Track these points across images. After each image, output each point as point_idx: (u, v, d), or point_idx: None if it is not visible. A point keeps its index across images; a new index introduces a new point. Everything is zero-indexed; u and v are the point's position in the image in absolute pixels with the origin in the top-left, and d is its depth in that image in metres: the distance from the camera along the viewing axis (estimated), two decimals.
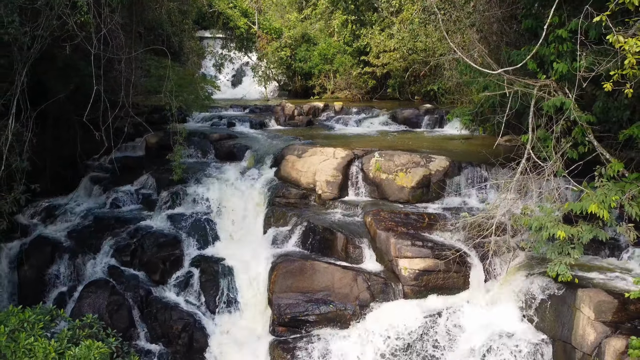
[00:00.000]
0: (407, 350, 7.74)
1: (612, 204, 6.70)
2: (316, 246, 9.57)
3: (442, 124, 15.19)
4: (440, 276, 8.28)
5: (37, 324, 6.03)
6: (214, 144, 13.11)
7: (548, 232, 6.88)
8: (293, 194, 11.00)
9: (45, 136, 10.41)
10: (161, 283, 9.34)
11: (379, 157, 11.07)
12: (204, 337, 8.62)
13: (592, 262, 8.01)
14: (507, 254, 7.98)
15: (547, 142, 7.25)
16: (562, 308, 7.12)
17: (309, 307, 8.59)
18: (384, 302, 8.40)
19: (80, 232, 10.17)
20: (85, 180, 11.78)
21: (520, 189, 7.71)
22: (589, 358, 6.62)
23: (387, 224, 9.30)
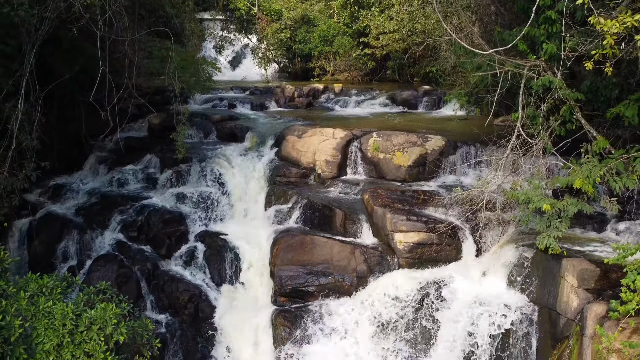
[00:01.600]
0: (402, 317, 8.26)
1: (597, 179, 7.14)
2: (316, 222, 10.05)
3: (440, 105, 15.57)
4: (433, 249, 8.77)
5: (55, 289, 6.52)
6: (215, 125, 13.52)
7: (535, 205, 7.32)
8: (293, 173, 11.45)
9: (51, 116, 10.79)
10: (167, 257, 9.84)
11: (377, 137, 11.49)
12: (209, 307, 9.16)
13: (579, 235, 8.48)
14: (497, 227, 8.46)
15: (536, 119, 7.66)
16: (547, 277, 7.61)
17: (309, 278, 9.11)
18: (380, 273, 8.92)
19: (87, 209, 10.64)
20: (91, 159, 12.21)
21: (510, 165, 8.14)
22: (572, 323, 7.12)
23: (384, 201, 9.76)
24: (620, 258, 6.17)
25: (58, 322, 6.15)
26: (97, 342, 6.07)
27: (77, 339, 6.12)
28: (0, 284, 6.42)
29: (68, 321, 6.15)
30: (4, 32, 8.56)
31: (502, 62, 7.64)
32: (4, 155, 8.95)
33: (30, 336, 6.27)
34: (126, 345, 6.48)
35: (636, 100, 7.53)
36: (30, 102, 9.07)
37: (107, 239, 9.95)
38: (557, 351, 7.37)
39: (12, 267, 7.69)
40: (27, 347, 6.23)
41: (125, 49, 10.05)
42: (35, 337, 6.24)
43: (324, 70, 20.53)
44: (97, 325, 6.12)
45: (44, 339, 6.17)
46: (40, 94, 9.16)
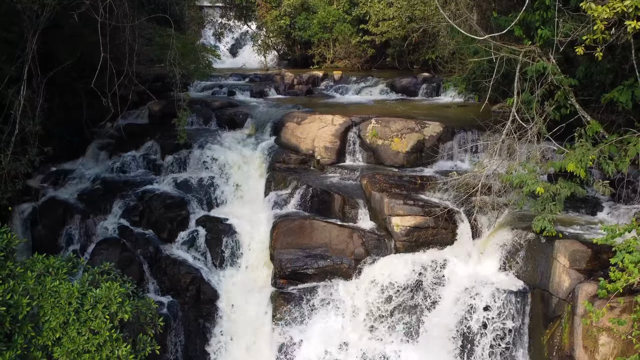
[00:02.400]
0: (398, 298, 8.50)
1: (589, 162, 7.32)
2: (315, 207, 10.26)
3: (439, 92, 15.70)
4: (429, 232, 8.98)
5: (61, 269, 6.74)
6: (215, 111, 13.67)
7: (529, 188, 7.52)
8: (293, 159, 11.63)
9: (53, 103, 10.94)
10: (169, 241, 10.06)
11: (376, 123, 11.65)
12: (211, 289, 9.41)
13: (572, 218, 8.68)
14: (492, 211, 8.66)
15: (531, 105, 7.82)
16: (540, 259, 7.83)
17: (308, 261, 9.34)
18: (378, 256, 9.15)
19: (90, 194, 10.84)
20: (92, 146, 12.39)
21: (506, 150, 8.32)
22: (564, 303, 7.36)
23: (382, 186, 9.96)
24: (609, 238, 6.37)
25: (64, 300, 6.38)
26: (102, 320, 6.30)
27: (82, 316, 6.34)
28: (8, 264, 6.65)
29: (74, 300, 6.37)
30: (6, 18, 8.70)
31: (498, 47, 7.78)
32: (7, 141, 9.13)
33: (37, 314, 6.51)
34: (130, 324, 6.71)
35: (630, 86, 7.68)
36: (33, 88, 9.23)
37: (110, 224, 10.17)
38: (549, 330, 7.62)
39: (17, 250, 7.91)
40: (35, 325, 6.48)
41: (126, 35, 10.17)
42: (42, 316, 6.47)
43: (324, 57, 20.60)
44: (102, 303, 6.34)
45: (51, 317, 6.40)
46: (42, 80, 9.31)
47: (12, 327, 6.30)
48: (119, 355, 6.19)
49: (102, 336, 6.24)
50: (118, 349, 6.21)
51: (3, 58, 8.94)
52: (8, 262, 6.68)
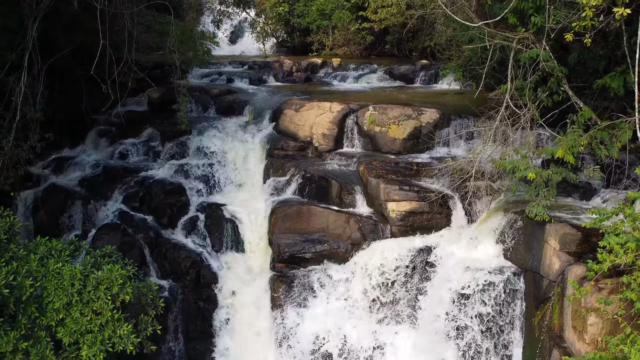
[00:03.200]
0: (394, 281, 8.73)
1: (580, 148, 7.48)
2: (312, 193, 10.45)
3: (437, 79, 15.79)
4: (424, 217, 9.18)
5: (64, 251, 6.96)
6: (214, 99, 13.79)
7: (521, 174, 7.68)
8: (291, 146, 11.79)
9: (53, 90, 11.07)
10: (169, 226, 10.27)
11: (373, 110, 11.77)
12: (211, 273, 9.64)
13: (565, 203, 8.85)
14: (486, 196, 8.84)
15: (524, 91, 7.96)
16: (533, 242, 8.03)
17: (306, 245, 9.56)
18: (374, 240, 9.36)
19: (90, 181, 11.03)
20: (92, 133, 12.54)
21: (500, 136, 8.48)
22: (554, 285, 7.57)
23: (378, 172, 10.14)
24: (597, 222, 6.55)
25: (67, 282, 6.60)
26: (104, 300, 6.53)
27: (85, 298, 6.58)
28: (11, 247, 6.86)
29: (76, 281, 6.60)
30: (6, 6, 8.80)
31: (492, 35, 7.90)
32: (8, 127, 9.29)
33: (40, 296, 6.74)
34: (132, 305, 6.94)
35: (622, 72, 7.80)
36: (33, 75, 9.36)
37: (111, 209, 10.37)
38: (540, 312, 7.84)
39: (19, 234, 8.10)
40: (38, 305, 6.71)
41: (125, 22, 10.27)
42: (46, 297, 6.71)
43: (323, 44, 20.63)
44: (104, 285, 6.57)
45: (54, 298, 6.64)
46: (42, 67, 9.44)
47: (16, 308, 6.53)
48: (121, 334, 6.43)
49: (104, 316, 6.47)
50: (120, 328, 6.45)
51: (3, 45, 9.06)
52: (11, 244, 6.90)
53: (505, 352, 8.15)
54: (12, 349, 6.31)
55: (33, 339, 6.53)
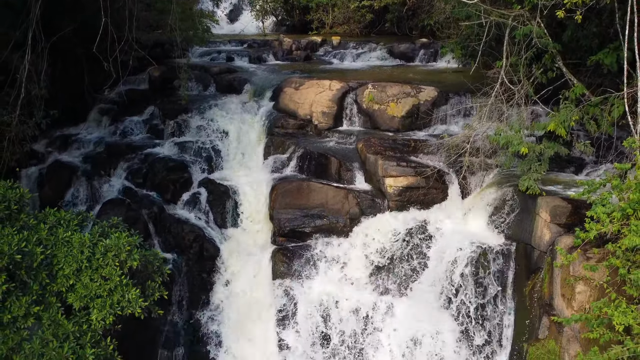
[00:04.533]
0: (390, 254, 9.12)
1: (572, 122, 7.79)
2: (312, 170, 10.78)
3: (437, 57, 15.99)
4: (421, 192, 9.53)
5: (72, 221, 7.32)
6: (214, 77, 14.04)
7: (514, 148, 8.01)
8: (291, 124, 12.07)
9: (56, 69, 11.34)
10: (172, 202, 10.63)
11: (372, 88, 12.04)
12: (214, 247, 10.02)
13: (558, 178, 9.19)
14: (481, 171, 9.18)
15: (519, 67, 8.23)
16: (525, 215, 8.39)
17: (306, 220, 9.93)
18: (371, 215, 9.72)
19: (94, 158, 11.36)
20: (95, 111, 12.84)
21: (495, 112, 8.77)
22: (544, 255, 7.95)
23: (377, 149, 10.46)
24: (585, 192, 6.89)
25: (76, 249, 6.97)
26: (112, 267, 6.90)
27: (94, 264, 6.95)
28: (22, 216, 7.24)
29: (86, 249, 6.97)
30: None
31: (488, 12, 8.14)
32: (13, 104, 9.59)
33: (51, 263, 7.11)
34: (139, 272, 7.33)
35: (615, 49, 8.06)
36: (37, 53, 9.62)
37: (115, 185, 10.72)
38: (531, 282, 8.24)
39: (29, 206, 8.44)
40: (49, 272, 7.09)
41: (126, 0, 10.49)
42: (56, 264, 7.08)
43: (322, 23, 20.73)
44: (112, 252, 6.94)
45: (64, 265, 7.00)
46: (46, 46, 9.70)
47: (27, 274, 6.91)
48: (129, 299, 6.82)
49: (113, 282, 6.85)
50: (128, 293, 6.83)
51: (8, 24, 9.31)
52: (21, 214, 7.26)
53: (498, 321, 8.56)
54: (24, 314, 6.70)
55: (44, 304, 6.92)
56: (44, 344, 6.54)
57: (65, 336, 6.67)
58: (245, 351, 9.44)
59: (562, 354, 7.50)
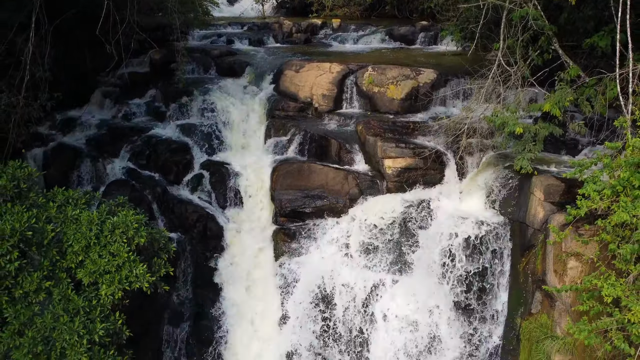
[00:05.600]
0: (389, 231, 9.44)
1: (566, 103, 8.03)
2: (312, 152, 11.05)
3: (437, 40, 16.15)
4: (419, 173, 9.82)
5: (80, 200, 7.63)
6: (214, 60, 14.21)
7: (509, 128, 8.27)
8: (291, 107, 12.29)
9: (59, 51, 11.53)
10: (175, 183, 10.92)
11: (372, 71, 12.23)
12: (217, 226, 10.34)
13: (554, 158, 9.47)
14: (478, 152, 9.45)
15: (516, 49, 8.45)
16: (520, 194, 8.68)
17: (306, 201, 10.24)
18: (370, 196, 10.03)
19: (97, 140, 11.61)
20: (97, 94, 13.04)
21: (492, 94, 9.01)
22: (538, 233, 8.27)
23: (376, 131, 10.71)
24: (577, 172, 7.18)
25: (85, 227, 7.29)
26: (120, 243, 7.23)
27: (102, 241, 7.28)
28: (31, 194, 7.54)
29: (94, 226, 7.29)
30: None
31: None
32: (19, 86, 9.82)
33: (60, 240, 7.44)
34: (145, 249, 7.65)
35: (610, 31, 8.27)
36: (41, 35, 9.82)
37: (118, 167, 10.99)
38: (525, 259, 8.57)
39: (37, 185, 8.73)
40: (59, 249, 7.42)
41: None
42: (65, 241, 7.41)
43: (323, 5, 20.78)
44: (120, 229, 7.26)
45: (73, 242, 7.34)
46: (49, 29, 9.89)
47: (38, 251, 7.24)
48: (137, 274, 7.15)
49: (121, 258, 7.19)
50: (136, 268, 7.17)
51: (12, 7, 9.50)
52: (31, 193, 7.56)
53: (493, 296, 8.91)
54: (35, 289, 7.06)
55: (54, 279, 7.26)
56: (55, 318, 6.89)
57: (75, 311, 7.02)
58: (248, 327, 9.82)
59: (554, 327, 7.86)
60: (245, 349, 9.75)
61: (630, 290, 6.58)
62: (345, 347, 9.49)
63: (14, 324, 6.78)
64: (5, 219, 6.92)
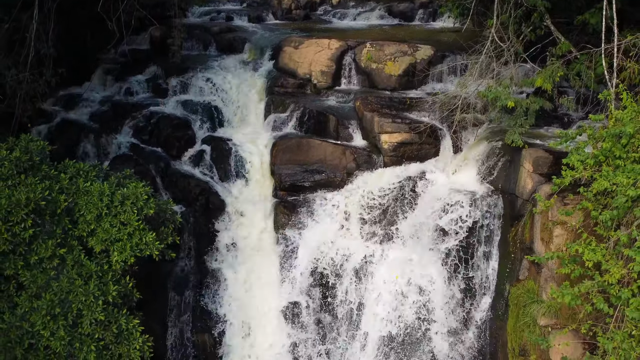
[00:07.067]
0: (385, 203, 10.00)
1: (556, 78, 8.51)
2: (311, 128, 11.53)
3: (436, 17, 16.51)
4: (415, 147, 10.34)
5: (90, 172, 8.15)
6: (214, 36, 14.59)
7: (502, 102, 8.75)
8: (291, 83, 12.72)
9: (61, 28, 11.91)
10: (177, 157, 11.42)
11: (370, 47, 12.64)
12: (219, 199, 10.88)
13: (545, 132, 9.96)
14: (472, 127, 9.95)
15: (509, 25, 8.88)
16: (510, 167, 9.21)
17: (305, 175, 10.78)
18: (367, 170, 10.58)
19: (101, 116, 12.08)
20: (99, 71, 13.46)
21: (486, 69, 9.46)
22: (526, 203, 8.82)
23: (373, 107, 11.20)
24: (563, 141, 7.68)
25: (96, 197, 7.83)
26: (130, 213, 7.77)
27: (113, 211, 7.82)
28: (43, 167, 8.05)
29: (105, 197, 7.82)
30: None
31: None
32: (24, 63, 10.26)
33: (72, 210, 7.99)
34: (153, 219, 8.20)
35: (600, 9, 8.66)
36: (45, 12, 10.22)
37: (122, 142, 11.48)
38: (514, 229, 9.13)
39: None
40: (71, 219, 7.97)
41: None
42: (77, 211, 7.95)
43: None
44: (130, 200, 7.79)
45: (85, 212, 7.88)
46: (52, 6, 10.29)
47: (51, 219, 7.79)
48: (146, 241, 7.71)
49: (131, 226, 7.74)
50: (145, 236, 7.72)
51: None
52: (43, 165, 8.08)
53: (484, 265, 9.51)
54: (49, 255, 7.63)
55: (67, 247, 7.82)
56: (70, 282, 7.47)
57: (88, 275, 7.61)
58: (250, 295, 10.44)
59: (540, 292, 8.45)
60: (246, 315, 10.42)
61: (611, 255, 7.12)
62: (341, 314, 10.12)
63: (32, 288, 7.35)
64: (20, 190, 7.45)
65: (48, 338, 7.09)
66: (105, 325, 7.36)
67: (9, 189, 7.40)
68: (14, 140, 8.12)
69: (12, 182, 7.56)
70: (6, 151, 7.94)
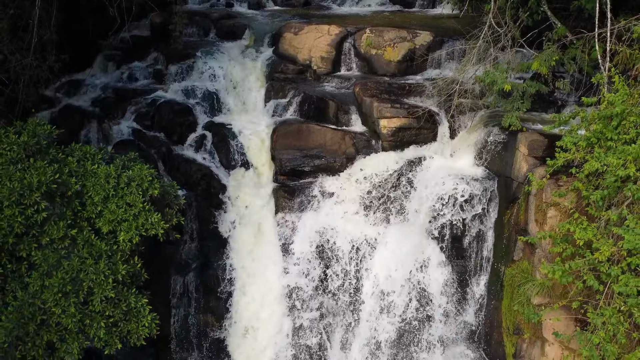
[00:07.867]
0: (383, 187, 10.35)
1: (552, 62, 8.82)
2: (311, 114, 11.84)
3: (435, 3, 16.71)
4: (413, 132, 10.68)
5: (97, 155, 8.48)
6: (214, 23, 14.81)
7: (498, 86, 9.06)
8: (290, 69, 13.00)
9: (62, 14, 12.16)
10: (179, 143, 11.73)
11: (370, 33, 12.91)
12: (220, 184, 11.23)
13: (541, 117, 10.30)
14: (469, 112, 10.27)
15: (506, 10, 9.17)
16: (506, 151, 9.55)
17: (305, 160, 11.12)
18: (366, 155, 10.93)
19: (103, 101, 12.35)
20: (100, 57, 13.72)
21: (484, 54, 9.76)
22: (521, 185, 9.17)
23: (373, 92, 11.51)
24: (557, 125, 8.02)
25: (103, 179, 8.16)
26: (136, 195, 8.11)
27: (119, 193, 8.16)
28: (51, 151, 8.38)
29: (111, 179, 8.16)
30: None
31: None
32: (27, 48, 10.54)
33: (80, 192, 8.33)
34: (158, 201, 8.55)
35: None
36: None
37: (124, 127, 11.78)
38: (509, 211, 9.50)
39: None
40: (79, 201, 8.31)
41: None
42: (85, 193, 8.29)
43: None
44: (135, 181, 8.13)
45: (93, 194, 8.22)
46: None
47: (61, 201, 8.13)
48: (152, 221, 8.06)
49: (137, 207, 8.09)
50: (150, 217, 8.07)
51: None
52: (51, 149, 8.41)
53: (480, 246, 9.89)
54: (61, 236, 7.97)
55: (77, 228, 8.17)
56: (81, 261, 7.82)
57: (98, 254, 7.95)
58: (250, 276, 10.85)
59: (534, 272, 8.85)
60: (248, 295, 10.82)
61: (601, 234, 7.49)
62: (340, 290, 10.51)
63: (43, 266, 7.69)
64: (31, 173, 7.78)
65: (59, 315, 7.45)
66: (115, 303, 7.73)
67: (19, 172, 7.72)
68: (22, 125, 8.43)
69: (22, 166, 7.88)
70: (14, 135, 8.25)
